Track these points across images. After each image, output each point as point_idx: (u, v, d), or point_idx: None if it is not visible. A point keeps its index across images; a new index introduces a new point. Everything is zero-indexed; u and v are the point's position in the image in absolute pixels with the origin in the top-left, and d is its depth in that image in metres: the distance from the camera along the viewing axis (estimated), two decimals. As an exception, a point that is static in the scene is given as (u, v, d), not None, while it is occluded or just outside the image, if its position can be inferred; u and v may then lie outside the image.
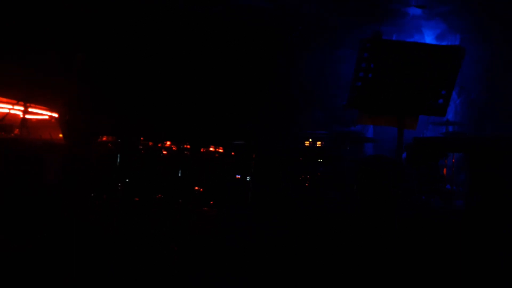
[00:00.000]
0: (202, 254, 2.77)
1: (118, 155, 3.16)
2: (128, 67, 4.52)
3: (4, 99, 4.59)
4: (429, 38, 6.71)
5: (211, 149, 3.47)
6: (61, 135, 4.44)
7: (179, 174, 3.18)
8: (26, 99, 4.56)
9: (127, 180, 3.11)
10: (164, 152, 3.32)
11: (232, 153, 3.60)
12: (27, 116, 4.58)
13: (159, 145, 3.32)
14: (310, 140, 5.88)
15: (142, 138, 3.31)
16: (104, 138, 3.35)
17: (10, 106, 4.55)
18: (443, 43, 6.49)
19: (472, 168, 4.93)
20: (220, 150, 3.48)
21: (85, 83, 4.71)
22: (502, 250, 2.65)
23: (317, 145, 5.86)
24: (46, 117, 5.05)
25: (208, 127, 3.62)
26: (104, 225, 2.95)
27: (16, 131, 4.32)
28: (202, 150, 3.39)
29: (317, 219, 3.47)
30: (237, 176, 3.82)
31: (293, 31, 5.73)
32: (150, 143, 3.32)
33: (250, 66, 5.89)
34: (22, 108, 4.53)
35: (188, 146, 3.29)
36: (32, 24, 4.57)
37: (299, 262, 2.70)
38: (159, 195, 3.12)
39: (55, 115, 5.08)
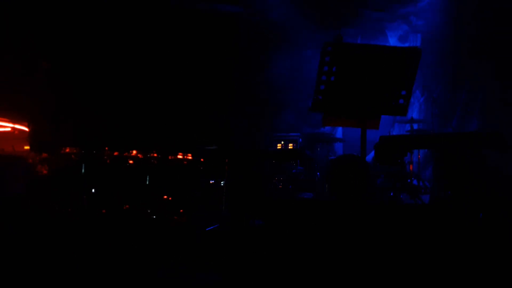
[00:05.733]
0: (174, 263, 2.74)
1: (83, 166, 3.09)
2: (92, 76, 4.42)
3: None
4: (392, 39, 6.91)
5: (179, 156, 3.44)
6: (26, 147, 4.29)
7: (147, 183, 3.14)
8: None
9: (92, 191, 3.04)
10: (130, 162, 3.27)
11: (201, 159, 3.58)
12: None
13: (125, 154, 3.27)
14: (282, 142, 5.99)
15: (106, 148, 3.24)
16: (68, 150, 3.27)
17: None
18: (406, 44, 6.70)
19: (436, 163, 5.13)
20: (189, 157, 3.46)
21: (49, 93, 4.57)
22: (468, 242, 2.74)
23: (289, 147, 5.96)
24: (9, 129, 4.86)
25: (176, 134, 3.59)
26: (71, 239, 2.87)
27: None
28: (170, 158, 3.36)
29: (292, 218, 3.47)
30: (210, 182, 3.81)
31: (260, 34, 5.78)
32: (116, 153, 3.26)
33: (218, 70, 5.90)
34: (-21, 120, 4.34)
35: (155, 155, 3.26)
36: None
37: (281, 265, 2.70)
38: (127, 206, 3.07)
39: (19, 126, 4.91)
